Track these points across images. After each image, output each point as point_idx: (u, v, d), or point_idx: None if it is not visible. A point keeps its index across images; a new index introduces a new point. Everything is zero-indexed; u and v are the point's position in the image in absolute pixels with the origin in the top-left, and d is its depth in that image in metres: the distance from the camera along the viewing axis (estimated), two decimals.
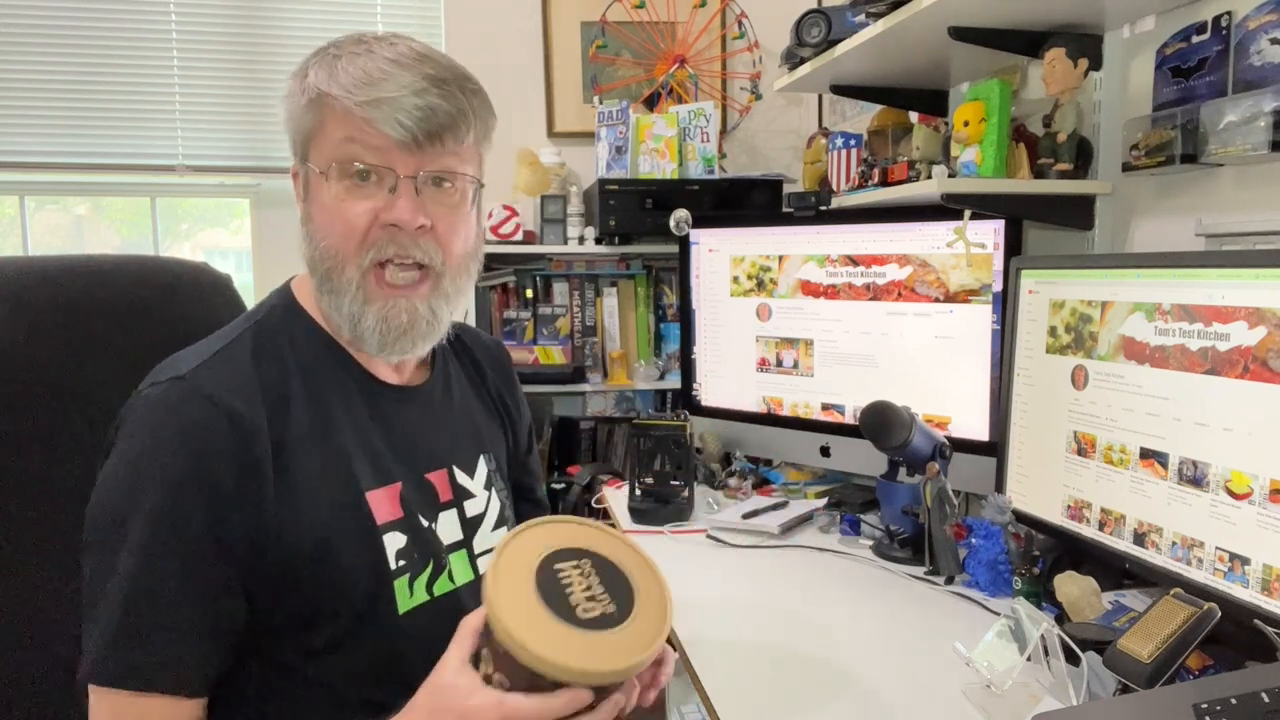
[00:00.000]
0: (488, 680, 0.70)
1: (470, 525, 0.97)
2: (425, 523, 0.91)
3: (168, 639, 0.75)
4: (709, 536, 1.55)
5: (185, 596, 0.76)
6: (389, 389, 0.93)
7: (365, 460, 0.88)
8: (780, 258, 1.80)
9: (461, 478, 0.97)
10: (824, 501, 1.69)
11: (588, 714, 0.70)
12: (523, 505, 1.11)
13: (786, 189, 2.41)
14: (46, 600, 0.92)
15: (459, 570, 0.95)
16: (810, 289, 1.76)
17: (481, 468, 1.01)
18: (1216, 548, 0.98)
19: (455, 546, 0.95)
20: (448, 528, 0.94)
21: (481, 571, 0.97)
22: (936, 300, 1.57)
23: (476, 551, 0.98)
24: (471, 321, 2.61)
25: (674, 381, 2.57)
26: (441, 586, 0.91)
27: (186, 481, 0.76)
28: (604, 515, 2.05)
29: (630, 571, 0.76)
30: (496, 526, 1.00)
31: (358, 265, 0.85)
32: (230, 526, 0.77)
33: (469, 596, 0.94)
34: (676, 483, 1.68)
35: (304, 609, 0.82)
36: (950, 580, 1.31)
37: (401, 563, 0.87)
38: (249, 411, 0.79)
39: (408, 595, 0.88)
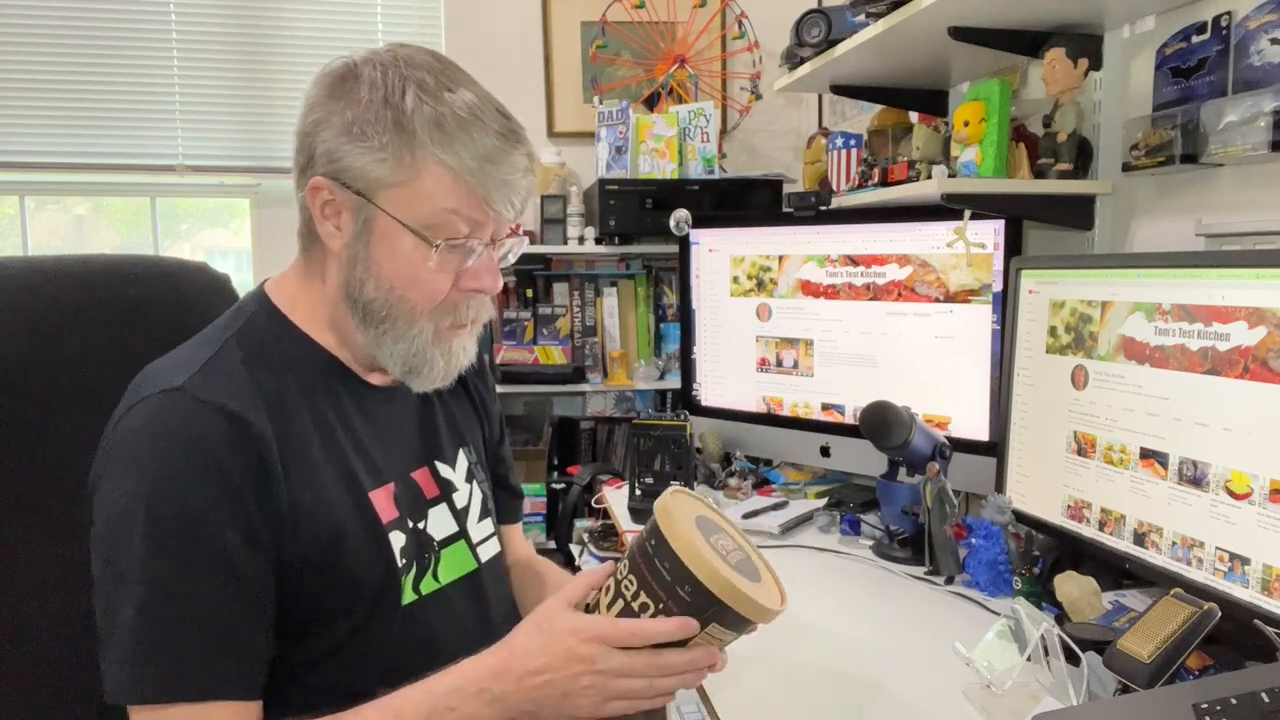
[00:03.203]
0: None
1: (461, 516, 0.98)
2: (414, 522, 0.91)
3: (220, 648, 0.75)
4: None
5: (230, 602, 0.76)
6: (374, 390, 0.93)
7: (361, 462, 0.88)
8: (780, 258, 1.80)
9: (445, 471, 0.98)
10: (824, 501, 1.69)
11: (679, 652, 0.75)
12: (497, 493, 1.11)
13: (786, 189, 2.42)
14: (44, 601, 0.92)
15: (456, 562, 0.95)
16: (810, 289, 1.76)
17: (462, 460, 1.02)
18: (1216, 548, 0.98)
19: (451, 539, 0.95)
20: (440, 523, 0.95)
21: (484, 560, 0.98)
22: (936, 300, 1.57)
23: (475, 541, 0.98)
24: None
25: (674, 381, 2.57)
26: (427, 585, 0.91)
27: (205, 487, 0.75)
28: (604, 515, 2.06)
29: (751, 555, 0.84)
30: (481, 518, 1.01)
31: (434, 323, 0.86)
32: (255, 525, 0.77)
33: (459, 592, 0.94)
34: (676, 483, 1.68)
35: (315, 611, 0.83)
36: (950, 580, 1.31)
37: (404, 561, 0.88)
38: (253, 417, 0.79)
39: (404, 594, 0.88)
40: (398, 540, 0.88)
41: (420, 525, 0.92)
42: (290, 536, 0.80)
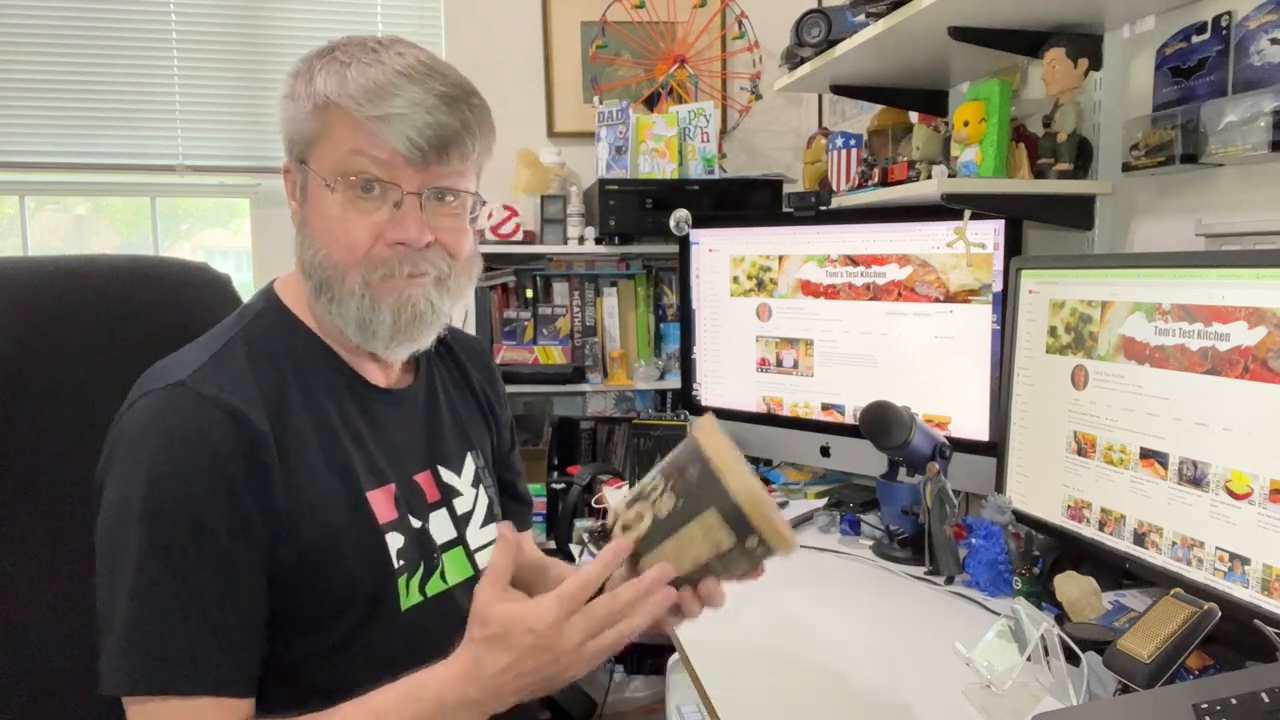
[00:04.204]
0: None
1: (461, 522, 0.97)
2: (418, 523, 0.91)
3: (213, 642, 0.75)
4: None
5: (224, 596, 0.76)
6: (378, 392, 0.93)
7: (361, 462, 0.88)
8: (780, 258, 1.80)
9: (448, 477, 0.98)
10: (824, 501, 1.69)
11: (628, 585, 0.73)
12: (506, 501, 1.12)
13: (786, 189, 2.41)
14: (47, 601, 0.92)
15: (454, 568, 0.95)
16: (810, 289, 1.76)
17: (469, 465, 1.01)
18: (1216, 548, 0.98)
19: (450, 544, 0.95)
20: (440, 527, 0.94)
21: (481, 567, 0.97)
22: (936, 300, 1.57)
23: (473, 547, 0.98)
24: (471, 322, 2.60)
25: (674, 381, 2.57)
26: (434, 587, 0.91)
27: (204, 482, 0.76)
28: (604, 515, 2.05)
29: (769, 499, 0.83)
30: (485, 523, 1.01)
31: (362, 276, 0.85)
32: (251, 522, 0.78)
33: (463, 595, 0.93)
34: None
35: (311, 610, 0.83)
36: (950, 580, 1.31)
37: (401, 562, 0.88)
38: (252, 414, 0.79)
39: (405, 595, 0.88)
40: (395, 541, 0.88)
41: (423, 526, 0.92)
42: (286, 534, 0.80)
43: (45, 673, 0.91)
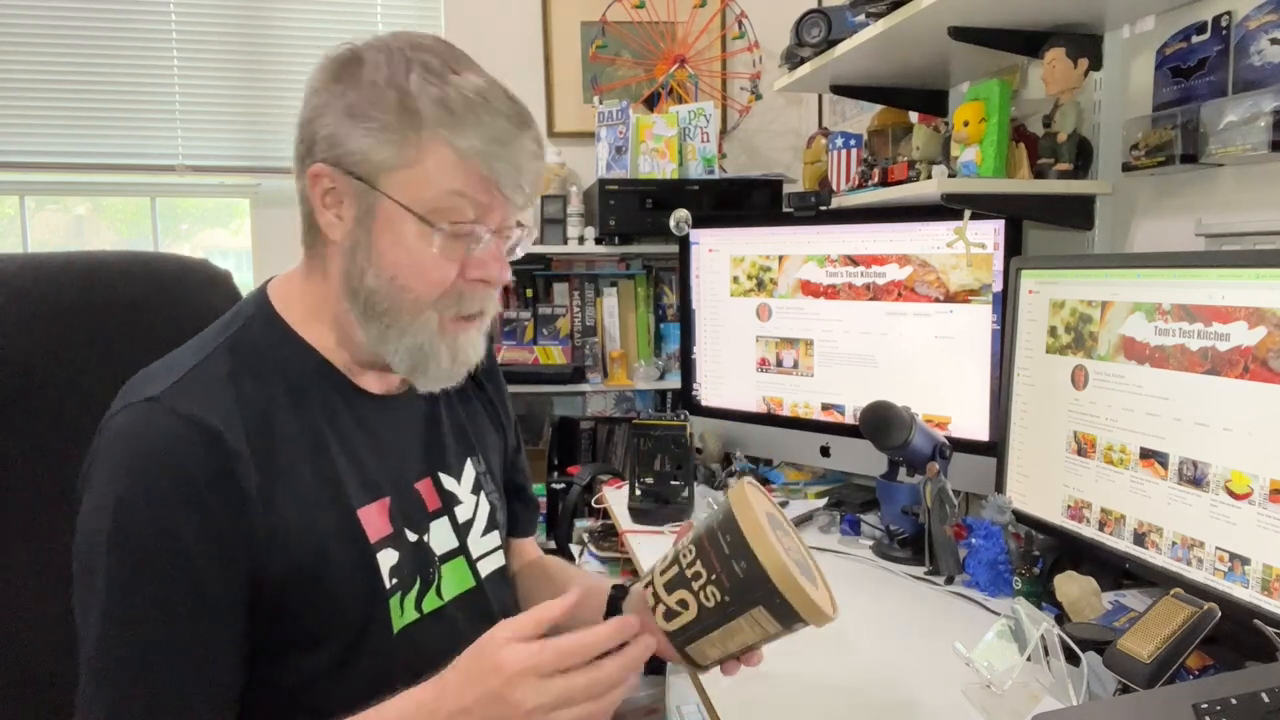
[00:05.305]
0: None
1: (463, 531, 0.94)
2: (415, 536, 0.88)
3: (182, 675, 0.73)
4: None
5: (194, 625, 0.74)
6: (374, 399, 0.90)
7: (354, 476, 0.84)
8: (780, 258, 1.80)
9: (449, 483, 0.94)
10: (824, 501, 1.69)
11: (614, 658, 0.70)
12: (515, 504, 1.10)
13: (786, 189, 2.41)
14: (41, 604, 0.92)
15: (455, 579, 0.92)
16: (810, 289, 1.76)
17: (469, 471, 0.98)
18: (1216, 548, 0.98)
19: (451, 554, 0.92)
20: (441, 537, 0.91)
21: (484, 576, 0.95)
22: (936, 300, 1.57)
23: (474, 556, 0.95)
24: None
25: (674, 381, 2.57)
26: (430, 603, 0.88)
27: (173, 508, 0.73)
28: (604, 515, 2.05)
29: (810, 563, 0.84)
30: (487, 531, 0.97)
31: (437, 312, 0.83)
32: (225, 544, 0.75)
33: (461, 609, 0.91)
34: (676, 483, 1.68)
35: (298, 634, 0.80)
36: (950, 580, 1.31)
37: (394, 581, 0.85)
38: (229, 432, 0.76)
39: (399, 614, 0.85)
40: (388, 559, 0.84)
41: (422, 538, 0.89)
42: (265, 556, 0.76)
43: (45, 677, 0.91)
